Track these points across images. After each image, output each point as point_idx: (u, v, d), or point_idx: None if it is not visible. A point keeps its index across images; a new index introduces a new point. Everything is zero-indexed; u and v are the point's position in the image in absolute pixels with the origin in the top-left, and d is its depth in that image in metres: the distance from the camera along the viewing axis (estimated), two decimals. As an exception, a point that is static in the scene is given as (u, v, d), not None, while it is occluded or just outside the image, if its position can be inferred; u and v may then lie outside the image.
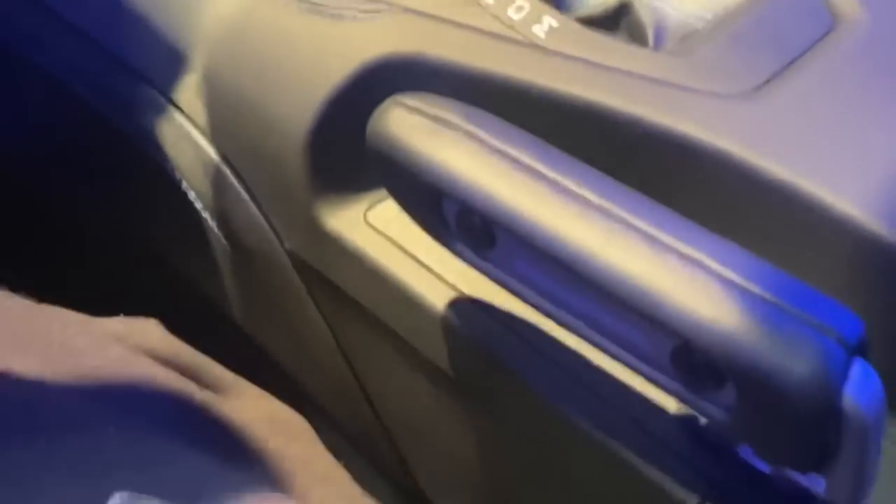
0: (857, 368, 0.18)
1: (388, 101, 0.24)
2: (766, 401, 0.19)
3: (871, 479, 0.20)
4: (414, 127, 0.23)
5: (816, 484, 0.22)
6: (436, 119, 0.23)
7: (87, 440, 0.18)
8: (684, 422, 0.26)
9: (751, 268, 0.19)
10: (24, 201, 0.50)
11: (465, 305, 0.30)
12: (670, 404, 0.26)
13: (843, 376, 0.18)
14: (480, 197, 0.22)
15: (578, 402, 0.27)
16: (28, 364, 0.20)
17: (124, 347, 0.24)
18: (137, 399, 0.22)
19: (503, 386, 0.29)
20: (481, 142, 0.22)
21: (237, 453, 0.23)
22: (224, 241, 0.39)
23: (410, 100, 0.24)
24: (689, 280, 0.19)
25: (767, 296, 0.19)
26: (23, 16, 0.41)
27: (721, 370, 0.19)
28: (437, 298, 0.30)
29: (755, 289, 0.19)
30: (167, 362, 0.25)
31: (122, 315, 0.30)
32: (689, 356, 0.20)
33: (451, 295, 0.30)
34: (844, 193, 0.25)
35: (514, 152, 0.22)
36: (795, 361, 0.18)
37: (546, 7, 0.30)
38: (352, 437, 0.42)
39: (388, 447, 0.41)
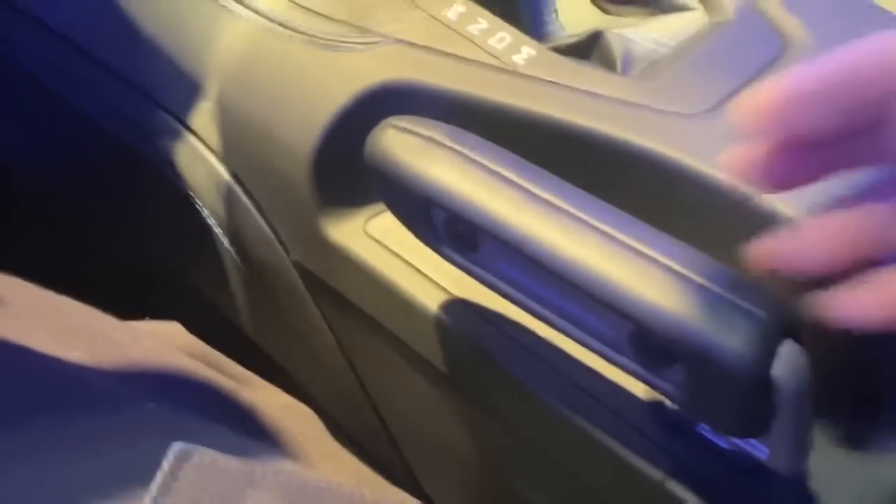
0: (786, 347, 0.21)
1: (384, 123, 0.27)
2: (708, 375, 0.22)
3: (805, 446, 0.23)
4: (406, 146, 0.26)
5: (762, 452, 0.25)
6: (425, 139, 0.26)
7: (130, 415, 0.21)
8: (653, 407, 0.29)
9: (696, 262, 0.22)
10: (47, 218, 0.53)
11: (456, 307, 0.33)
12: (641, 392, 0.29)
13: (773, 353, 0.21)
14: (465, 206, 0.25)
15: (560, 392, 0.30)
16: (74, 354, 0.23)
17: (157, 342, 0.27)
18: (171, 383, 0.25)
19: (492, 378, 0.32)
20: (465, 158, 0.25)
21: (258, 431, 0.26)
22: (235, 255, 0.42)
23: (403, 122, 0.27)
24: (641, 272, 0.22)
25: (709, 285, 0.22)
26: (46, 48, 0.44)
27: (671, 350, 0.22)
28: (432, 301, 0.33)
29: (698, 279, 0.22)
30: (193, 357, 0.28)
31: (141, 322, 0.33)
32: (643, 339, 0.23)
33: (444, 297, 0.33)
34: (790, 200, 0.28)
35: (493, 167, 0.25)
36: (732, 340, 0.21)
37: (525, 38, 0.33)
38: (356, 440, 0.44)
39: (392, 449, 0.43)
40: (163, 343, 0.28)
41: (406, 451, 0.42)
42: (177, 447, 0.17)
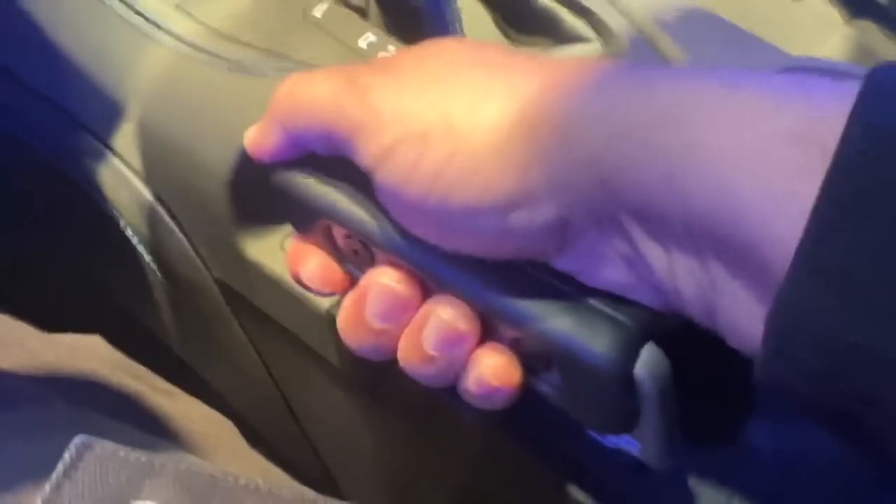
0: (647, 350, 0.23)
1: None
2: (579, 377, 0.24)
3: (670, 442, 0.25)
4: (304, 169, 0.28)
5: (635, 448, 0.27)
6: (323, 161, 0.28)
7: (36, 412, 0.23)
8: (553, 413, 0.31)
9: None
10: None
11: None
12: (534, 397, 0.31)
13: (635, 356, 0.23)
14: (360, 225, 0.27)
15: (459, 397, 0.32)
16: None
17: (73, 351, 0.28)
18: (81, 386, 0.27)
19: (400, 385, 0.34)
20: (362, 180, 0.27)
21: (165, 431, 0.28)
22: (158, 273, 0.43)
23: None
24: (519, 284, 0.24)
25: (577, 295, 0.24)
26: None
27: (546, 355, 0.25)
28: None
29: (567, 289, 0.24)
30: (114, 368, 0.29)
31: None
32: (523, 345, 0.25)
33: None
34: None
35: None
36: (596, 344, 0.23)
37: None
38: (277, 450, 0.46)
39: (312, 457, 0.45)
40: (80, 352, 0.29)
41: (326, 458, 0.44)
42: (79, 439, 0.18)
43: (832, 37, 0.68)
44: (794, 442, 0.28)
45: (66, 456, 0.18)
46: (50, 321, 0.43)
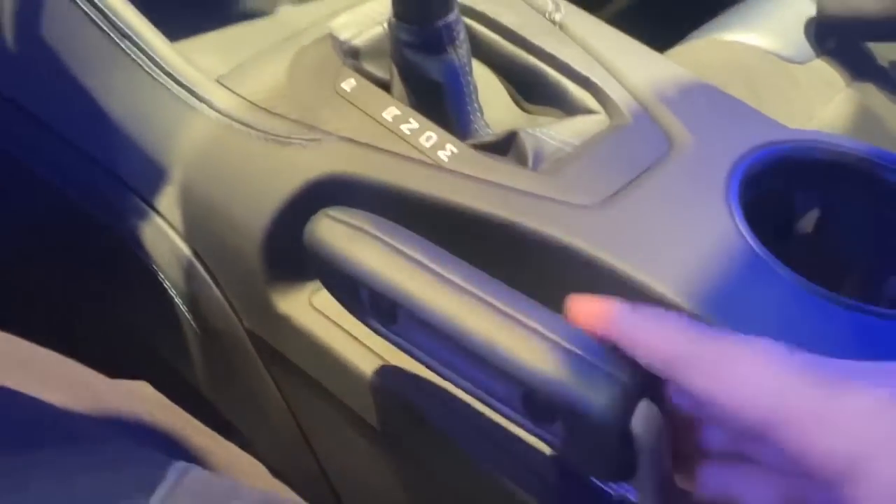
0: (643, 405, 0.26)
1: (320, 213, 0.32)
2: (580, 429, 0.26)
3: (666, 491, 0.27)
4: (338, 234, 0.31)
5: (634, 495, 0.29)
6: (354, 227, 0.31)
7: (106, 449, 0.25)
8: (553, 458, 0.33)
9: (571, 334, 0.27)
10: (19, 288, 0.57)
11: (388, 370, 0.37)
12: (544, 447, 0.33)
13: (631, 409, 0.26)
14: (383, 286, 0.29)
15: (475, 444, 0.34)
16: (54, 397, 0.27)
17: (128, 394, 0.31)
18: (138, 427, 0.30)
19: (421, 434, 0.36)
20: (385, 245, 0.30)
21: (215, 470, 0.30)
22: (193, 322, 0.46)
23: (336, 212, 0.32)
24: (528, 344, 0.27)
25: (580, 353, 0.26)
26: (24, 130, 0.49)
27: (552, 408, 0.27)
28: (367, 365, 0.37)
29: (572, 349, 0.27)
30: (163, 410, 0.32)
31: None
32: (532, 399, 0.28)
33: (378, 362, 0.37)
34: (662, 279, 0.33)
35: (409, 252, 0.30)
36: (596, 399, 0.26)
37: (450, 137, 0.39)
38: (298, 490, 0.48)
39: (332, 499, 0.47)
40: (135, 396, 0.32)
41: (345, 500, 0.46)
42: (179, 464, 0.21)
43: (834, 98, 0.71)
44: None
45: (170, 477, 0.20)
46: (88, 365, 0.46)
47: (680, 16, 0.85)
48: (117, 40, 0.42)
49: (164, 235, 0.44)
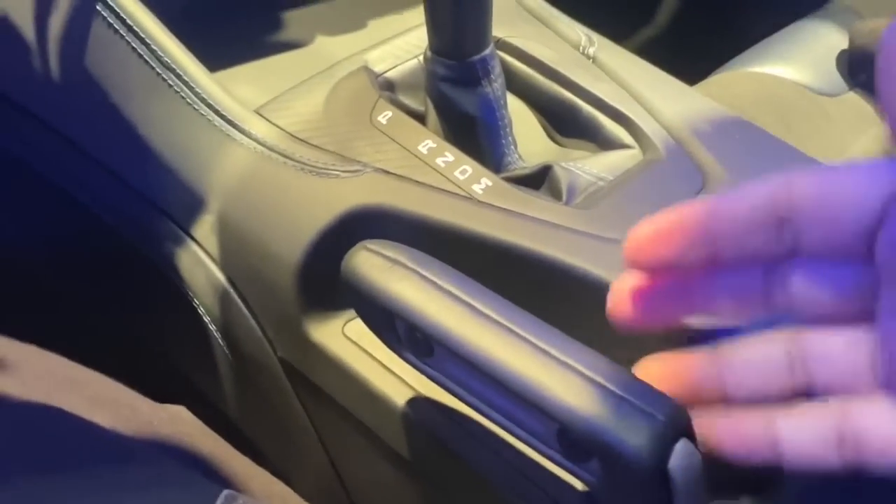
0: (681, 445, 0.26)
1: (357, 246, 0.33)
2: (617, 468, 0.26)
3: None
4: (375, 266, 0.31)
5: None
6: (391, 261, 0.31)
7: (152, 468, 0.26)
8: (589, 499, 0.33)
9: (608, 372, 0.27)
10: (55, 312, 0.58)
11: (420, 401, 0.37)
12: (577, 484, 0.33)
13: (669, 450, 0.26)
14: (421, 319, 0.30)
15: (507, 479, 0.34)
16: (103, 418, 0.28)
17: (170, 417, 0.32)
18: (181, 449, 0.30)
19: (449, 465, 0.36)
20: (424, 279, 0.30)
21: (252, 494, 0.31)
22: (226, 349, 0.47)
23: (374, 245, 0.32)
24: (564, 381, 0.27)
25: (618, 391, 0.26)
26: (64, 156, 0.50)
27: (588, 446, 0.27)
28: (399, 396, 0.38)
29: (610, 386, 0.27)
30: (201, 434, 0.33)
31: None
32: (567, 436, 0.28)
33: (410, 393, 0.37)
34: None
35: (446, 286, 0.30)
36: (633, 439, 0.26)
37: (484, 170, 0.39)
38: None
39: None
40: (177, 419, 0.32)
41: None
42: (226, 492, 0.21)
43: (867, 131, 0.71)
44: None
45: (219, 502, 0.21)
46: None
47: (709, 47, 0.85)
48: (159, 71, 0.43)
49: (199, 263, 0.44)
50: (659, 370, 0.27)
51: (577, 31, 0.47)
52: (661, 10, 1.02)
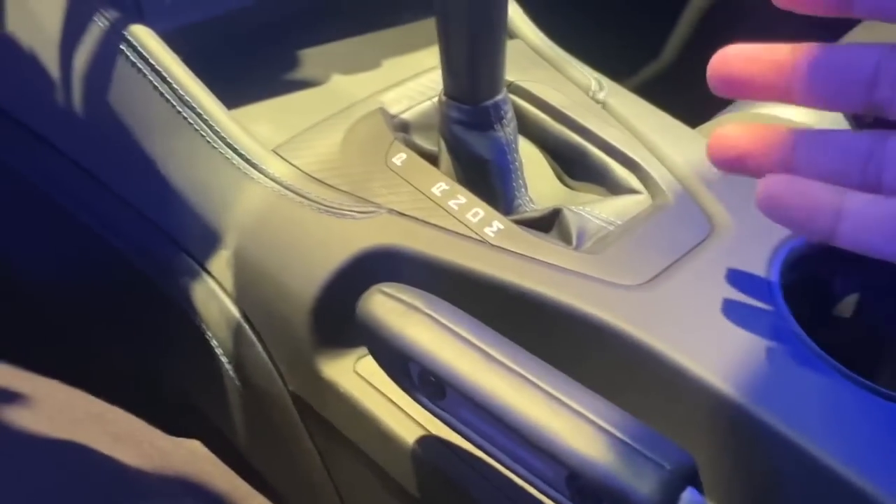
0: (687, 494, 0.26)
1: (373, 289, 0.33)
2: (625, 515, 0.27)
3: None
4: (390, 310, 0.32)
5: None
6: (406, 305, 0.32)
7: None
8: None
9: (618, 419, 0.28)
10: (70, 343, 0.58)
11: (430, 441, 0.38)
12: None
13: (676, 499, 0.26)
14: (435, 364, 0.30)
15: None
16: (125, 454, 0.29)
17: (188, 454, 0.33)
18: (199, 486, 0.31)
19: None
20: (437, 323, 0.31)
21: None
22: (237, 382, 0.47)
23: (389, 288, 0.33)
24: (573, 427, 0.28)
25: (626, 439, 0.27)
26: (81, 187, 0.51)
27: (597, 492, 0.28)
28: (409, 435, 0.38)
29: (619, 435, 0.27)
30: (218, 470, 0.33)
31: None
32: (576, 482, 0.28)
33: (420, 432, 0.38)
34: (702, 362, 0.33)
35: (460, 332, 0.31)
36: (641, 486, 0.26)
37: (496, 213, 0.40)
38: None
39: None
40: (196, 455, 0.33)
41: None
42: None
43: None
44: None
45: None
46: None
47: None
48: (179, 109, 0.44)
49: (214, 296, 0.45)
50: (738, 129, 0.28)
51: (588, 76, 0.49)
52: (668, 46, 1.04)
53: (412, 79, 0.47)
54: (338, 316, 0.40)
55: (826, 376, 0.33)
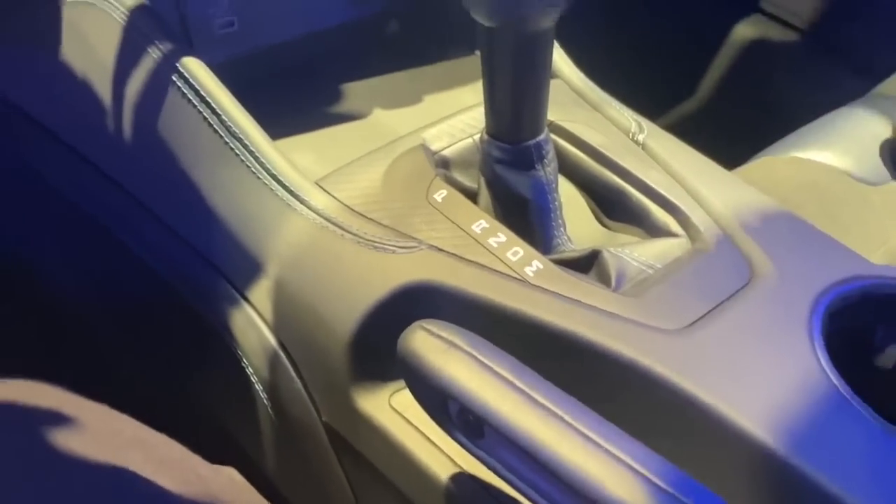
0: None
1: (414, 325, 0.34)
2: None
3: None
4: (431, 348, 0.32)
5: None
6: (447, 342, 0.32)
7: None
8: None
9: (655, 465, 0.28)
10: (108, 362, 0.59)
11: (463, 477, 0.38)
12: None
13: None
14: (474, 403, 0.31)
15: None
16: (169, 481, 0.29)
17: (226, 480, 0.33)
18: None
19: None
20: (478, 363, 0.31)
21: None
22: (270, 410, 0.48)
23: (431, 325, 0.33)
24: (615, 475, 0.28)
25: (664, 486, 0.27)
26: (127, 212, 0.52)
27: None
28: (443, 470, 0.38)
29: (655, 481, 0.27)
30: (254, 497, 0.34)
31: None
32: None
33: (454, 469, 0.38)
34: (743, 412, 0.33)
35: (501, 372, 0.31)
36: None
37: (535, 253, 0.40)
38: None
39: None
40: (235, 482, 0.33)
41: None
42: None
43: (909, 220, 0.71)
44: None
45: None
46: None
47: (750, 126, 0.87)
48: (227, 140, 0.45)
49: (252, 324, 0.46)
50: None
51: (628, 117, 0.49)
52: (703, 84, 1.04)
53: (454, 116, 0.48)
54: (375, 349, 0.40)
55: (868, 429, 0.33)
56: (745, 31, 0.99)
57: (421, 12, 0.60)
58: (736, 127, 0.95)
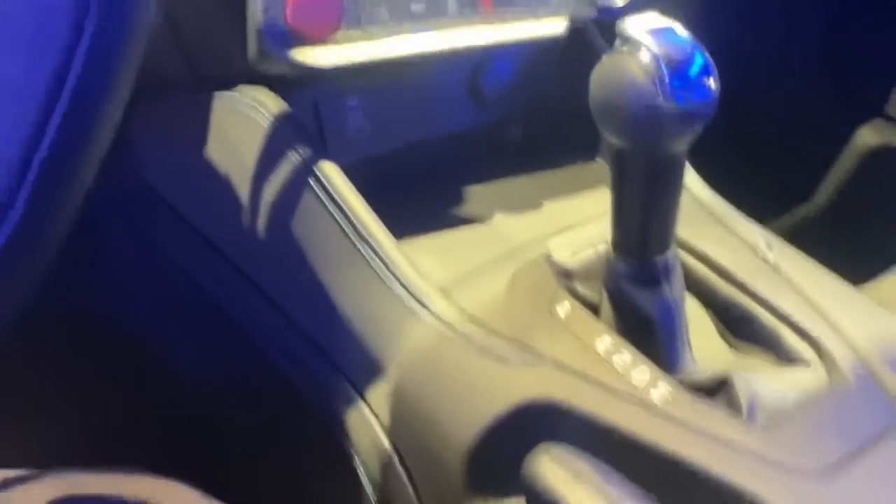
0: None
1: (540, 450, 0.33)
2: None
3: None
4: (558, 476, 0.32)
5: None
6: (573, 472, 0.32)
7: None
8: None
9: None
10: (216, 450, 0.60)
11: None
12: None
13: None
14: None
15: None
16: None
17: None
18: None
19: None
20: (605, 496, 0.30)
21: None
22: (380, 513, 0.47)
23: (557, 451, 0.33)
24: None
25: None
26: (254, 304, 0.53)
27: None
28: None
29: None
30: None
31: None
32: None
33: None
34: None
35: (631, 509, 0.30)
36: None
37: (662, 374, 0.39)
38: None
39: None
40: None
41: None
42: None
43: None
44: None
45: None
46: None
47: (874, 234, 0.83)
48: (356, 242, 0.47)
49: (368, 426, 0.46)
50: None
51: (756, 234, 0.48)
52: (821, 190, 1.01)
53: (578, 226, 0.48)
54: (493, 463, 0.39)
55: None
56: (867, 136, 0.96)
57: (543, 118, 0.61)
58: (857, 236, 0.91)
